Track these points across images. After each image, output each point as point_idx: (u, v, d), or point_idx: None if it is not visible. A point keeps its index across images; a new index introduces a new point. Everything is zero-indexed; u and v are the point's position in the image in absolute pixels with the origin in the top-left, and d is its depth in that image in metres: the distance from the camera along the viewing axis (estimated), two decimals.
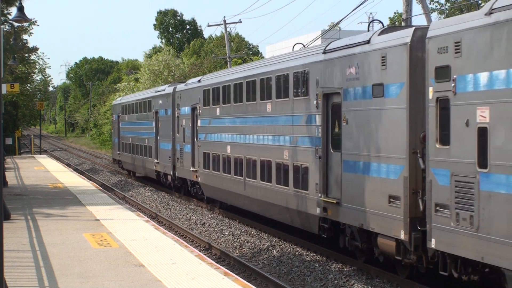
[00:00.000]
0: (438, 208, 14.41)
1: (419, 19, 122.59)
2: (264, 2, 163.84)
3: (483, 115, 13.16)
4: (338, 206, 18.62)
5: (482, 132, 13.10)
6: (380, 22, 20.88)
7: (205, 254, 18.94)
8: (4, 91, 37.19)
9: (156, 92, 40.94)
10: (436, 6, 40.51)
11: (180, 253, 16.95)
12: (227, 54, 54.56)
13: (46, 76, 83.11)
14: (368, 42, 17.39)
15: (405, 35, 15.99)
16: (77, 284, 13.74)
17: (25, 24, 45.24)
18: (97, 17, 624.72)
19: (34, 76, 70.93)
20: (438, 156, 14.48)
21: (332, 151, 19.27)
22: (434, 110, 14.64)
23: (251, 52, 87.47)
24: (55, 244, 18.12)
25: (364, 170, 17.40)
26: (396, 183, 15.98)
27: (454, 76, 13.95)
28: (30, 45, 55.67)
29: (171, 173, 36.34)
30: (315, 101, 19.96)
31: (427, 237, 14.86)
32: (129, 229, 20.69)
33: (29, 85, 67.16)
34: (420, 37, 15.55)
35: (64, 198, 29.07)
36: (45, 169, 45.92)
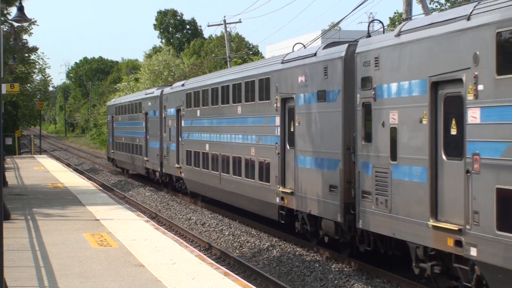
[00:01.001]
0: (364, 195, 17.41)
1: None
2: (264, 2, 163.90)
3: (393, 118, 16.21)
4: (292, 195, 21.48)
5: (393, 132, 16.18)
6: (380, 22, 20.87)
7: (205, 254, 18.93)
8: (4, 91, 37.17)
9: (146, 94, 43.75)
10: (436, 6, 40.48)
11: (180, 253, 16.95)
12: (227, 54, 54.58)
13: (46, 76, 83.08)
14: (315, 54, 20.23)
15: (341, 50, 18.83)
16: (77, 284, 13.74)
17: (25, 24, 45.20)
18: (97, 17, 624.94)
19: (34, 76, 70.93)
20: (363, 151, 17.54)
21: (288, 148, 22.19)
22: (360, 113, 17.68)
23: (251, 52, 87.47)
24: (55, 244, 18.12)
25: (312, 164, 20.31)
26: (335, 175, 18.89)
27: (374, 86, 16.96)
28: (30, 45, 55.61)
29: (159, 170, 38.93)
30: (275, 105, 22.92)
31: (356, 218, 17.81)
32: (129, 229, 20.69)
33: (29, 85, 67.16)
34: (352, 52, 18.24)
35: (64, 198, 29.07)
36: (45, 169, 45.92)
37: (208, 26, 61.15)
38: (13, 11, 34.81)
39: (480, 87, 13.33)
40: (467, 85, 13.62)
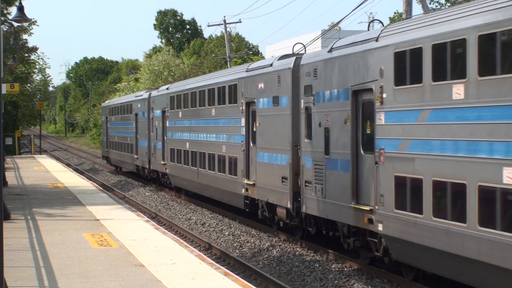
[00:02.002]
0: (306, 184, 20.76)
1: None
2: (264, 2, 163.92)
3: (327, 119, 19.53)
4: (254, 186, 24.78)
5: (326, 131, 19.50)
6: (380, 22, 20.88)
7: (205, 254, 18.94)
8: (4, 91, 37.15)
9: (136, 97, 47.17)
10: (436, 6, 40.48)
11: (180, 253, 16.95)
12: (227, 54, 54.58)
13: (46, 76, 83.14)
14: (271, 65, 23.67)
15: (290, 62, 22.11)
16: (77, 284, 13.74)
17: (25, 24, 45.16)
18: (97, 17, 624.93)
19: (34, 76, 70.89)
20: (306, 147, 20.88)
21: (251, 145, 25.39)
22: (304, 115, 21.04)
23: (251, 52, 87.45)
24: (55, 244, 18.12)
25: (269, 159, 23.65)
26: (285, 168, 22.25)
27: (314, 92, 20.21)
28: (30, 45, 55.63)
29: (147, 167, 42.26)
30: (241, 108, 26.14)
31: (301, 204, 21.09)
32: (129, 229, 20.69)
33: (29, 85, 67.11)
34: (298, 64, 21.45)
35: (64, 198, 29.07)
36: (45, 169, 45.92)
37: (208, 26, 61.22)
38: (13, 11, 34.86)
39: (384, 95, 16.60)
40: (376, 93, 16.90)
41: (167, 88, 38.49)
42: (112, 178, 50.40)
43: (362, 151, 17.79)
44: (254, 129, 25.00)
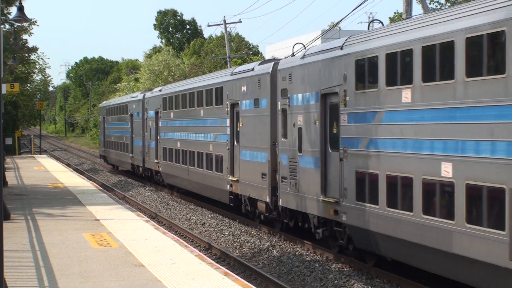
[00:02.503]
0: (283, 179, 22.49)
1: None
2: (264, 2, 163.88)
3: (300, 120, 21.18)
4: (238, 183, 26.56)
5: (300, 131, 21.21)
6: (380, 22, 20.91)
7: (205, 254, 18.94)
8: (4, 91, 37.14)
9: (131, 98, 48.98)
10: (436, 6, 40.49)
11: (180, 253, 16.95)
12: (227, 54, 54.58)
13: (46, 76, 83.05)
14: (252, 69, 25.53)
15: (269, 67, 23.94)
16: (77, 284, 13.74)
17: (25, 24, 45.10)
18: (97, 17, 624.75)
19: (34, 76, 70.83)
20: (282, 146, 22.66)
21: (236, 144, 27.10)
22: (280, 116, 22.76)
23: (251, 52, 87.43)
24: (55, 244, 18.12)
25: (251, 157, 25.42)
26: (265, 165, 24.05)
27: (289, 95, 21.99)
28: (30, 45, 55.56)
29: (142, 165, 44.17)
30: (226, 109, 27.89)
31: (278, 198, 22.89)
32: (129, 229, 20.69)
33: (29, 85, 67.06)
34: (276, 68, 23.29)
35: (64, 198, 29.07)
36: (45, 169, 45.92)
37: (208, 26, 61.20)
38: (13, 11, 34.84)
39: (347, 98, 18.31)
40: (340, 96, 18.67)
41: (160, 90, 40.51)
42: (112, 178, 50.41)
43: (329, 149, 19.65)
44: (238, 129, 26.88)
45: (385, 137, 16.64)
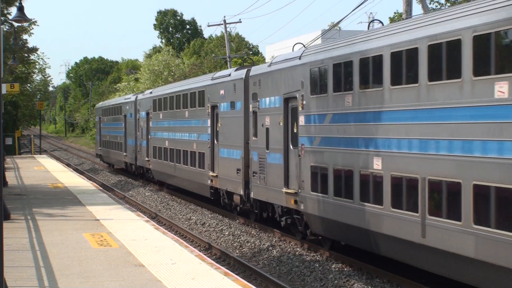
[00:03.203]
0: (253, 174, 25.19)
1: None
2: (264, 2, 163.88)
3: (267, 121, 23.93)
4: (217, 178, 29.13)
5: (267, 130, 23.87)
6: (380, 22, 20.91)
7: (205, 254, 18.93)
8: (4, 91, 37.13)
9: (125, 99, 51.89)
10: (436, 6, 40.48)
11: (180, 253, 16.95)
12: (227, 54, 54.57)
13: (46, 76, 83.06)
14: (229, 75, 28.26)
15: (242, 73, 26.49)
16: (77, 284, 13.74)
17: (25, 24, 45.09)
18: (97, 17, 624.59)
19: (34, 76, 70.82)
20: (253, 144, 25.32)
21: (215, 143, 29.69)
22: (252, 118, 25.48)
23: (251, 52, 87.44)
24: (55, 244, 18.12)
25: (228, 154, 27.99)
26: (239, 161, 26.62)
27: (258, 99, 24.70)
28: (30, 45, 55.58)
29: (135, 163, 46.64)
30: (207, 111, 30.58)
31: (250, 191, 25.52)
32: (129, 229, 20.69)
33: (29, 85, 67.06)
34: (248, 75, 25.94)
35: (64, 198, 29.07)
36: (45, 169, 45.92)
37: (208, 26, 61.21)
38: (13, 11, 34.82)
39: (304, 102, 20.85)
40: (299, 100, 21.24)
41: (151, 92, 43.39)
42: (112, 178, 50.41)
43: (291, 147, 22.28)
44: (217, 129, 29.52)
45: (333, 135, 19.35)
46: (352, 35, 19.44)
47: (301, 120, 21.04)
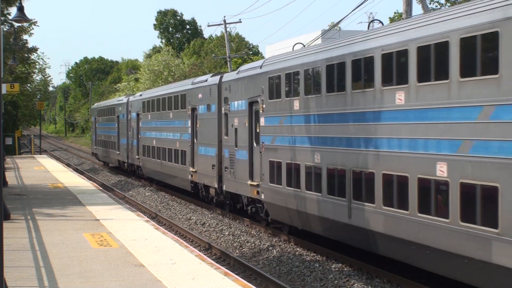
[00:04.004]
0: (225, 169, 28.44)
1: None
2: (264, 2, 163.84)
3: (236, 122, 27.28)
4: (196, 173, 32.61)
5: (236, 130, 27.16)
6: (380, 22, 20.90)
7: (205, 254, 18.93)
8: (4, 91, 37.11)
9: (118, 101, 55.24)
10: (436, 6, 40.50)
11: (180, 253, 16.95)
12: (227, 54, 54.57)
13: (46, 76, 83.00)
14: (206, 81, 31.69)
15: (216, 79, 29.93)
16: (77, 284, 13.74)
17: (25, 24, 45.08)
18: (97, 17, 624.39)
19: (34, 76, 70.77)
20: (225, 142, 28.60)
21: (195, 141, 33.08)
22: (224, 119, 28.76)
23: (251, 52, 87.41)
24: (55, 244, 18.12)
25: (205, 151, 31.43)
26: (214, 158, 29.91)
27: (229, 102, 28.01)
28: (30, 45, 55.52)
29: (126, 161, 49.99)
30: (188, 112, 34.02)
31: (222, 184, 28.81)
32: (129, 229, 20.69)
33: (29, 85, 67.02)
34: (221, 80, 29.34)
35: (64, 198, 29.07)
36: (45, 169, 45.92)
37: (208, 26, 61.21)
38: (13, 11, 34.81)
39: (264, 105, 24.11)
40: (260, 104, 24.52)
41: (141, 95, 47.02)
42: (112, 178, 50.42)
43: (254, 144, 25.41)
44: (196, 129, 32.81)
45: (285, 135, 22.43)
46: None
47: (262, 121, 24.41)
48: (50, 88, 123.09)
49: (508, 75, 12.86)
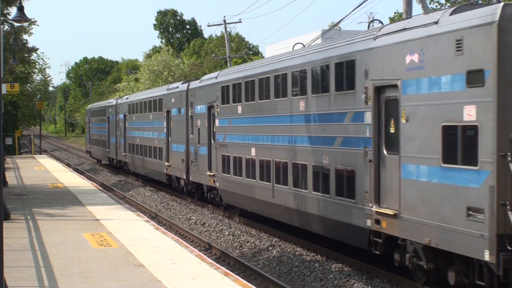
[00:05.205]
0: (191, 163, 33.24)
1: None
2: (264, 2, 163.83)
3: (198, 123, 32.19)
4: (170, 167, 37.38)
5: (199, 130, 31.73)
6: (380, 22, 20.86)
7: (205, 254, 18.93)
8: (4, 91, 37.13)
9: (108, 103, 60.63)
10: (436, 6, 40.48)
11: (180, 253, 16.95)
12: (227, 54, 54.58)
13: (46, 76, 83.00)
14: (177, 87, 36.48)
15: (185, 86, 34.73)
16: (77, 284, 13.74)
17: (25, 24, 45.13)
18: (97, 17, 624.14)
19: (34, 76, 70.80)
20: (191, 140, 33.37)
21: (170, 139, 37.67)
22: (190, 120, 33.53)
23: (251, 52, 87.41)
24: (55, 244, 18.12)
25: (176, 148, 36.05)
26: (183, 153, 34.60)
27: (194, 106, 32.84)
28: (30, 45, 55.55)
29: (115, 158, 54.75)
30: (164, 114, 38.73)
31: (190, 176, 33.67)
32: (129, 229, 20.69)
33: (29, 85, 67.05)
34: (188, 87, 34.11)
35: (64, 198, 29.07)
36: (45, 169, 45.92)
37: (208, 26, 61.19)
38: (13, 11, 34.80)
39: (218, 109, 28.92)
40: (215, 108, 29.23)
41: (127, 98, 52.13)
42: (112, 178, 50.42)
43: (212, 141, 30.03)
44: (170, 129, 37.60)
45: (231, 133, 27.45)
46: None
47: (217, 122, 29.23)
48: (50, 88, 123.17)
49: (359, 90, 17.59)
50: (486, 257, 13.01)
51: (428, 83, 14.82)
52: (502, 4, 13.16)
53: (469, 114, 13.46)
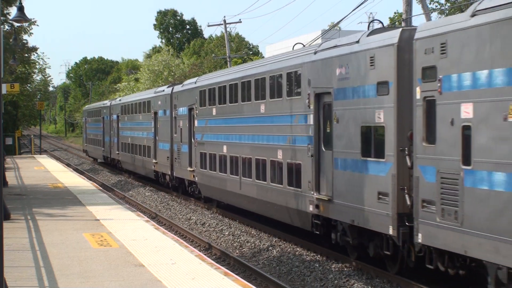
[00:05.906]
0: (175, 159, 36.14)
1: (419, 19, 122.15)
2: (264, 2, 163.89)
3: (181, 124, 34.97)
4: (157, 164, 40.35)
5: (181, 130, 35.16)
6: (380, 22, 20.87)
7: (205, 254, 18.92)
8: (4, 91, 37.13)
9: (103, 104, 64.30)
10: (436, 6, 40.51)
11: (180, 253, 16.95)
12: (227, 54, 54.59)
13: (46, 76, 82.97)
14: (163, 90, 39.53)
15: (170, 90, 37.83)
16: (77, 284, 13.74)
17: (25, 24, 45.13)
18: (97, 17, 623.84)
19: (34, 76, 70.79)
20: (175, 139, 36.12)
21: (157, 139, 40.71)
22: (174, 121, 36.36)
23: (251, 52, 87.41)
24: (55, 244, 18.12)
25: (163, 146, 38.98)
26: (168, 151, 37.52)
27: (177, 108, 35.86)
28: (30, 45, 55.51)
29: (109, 156, 57.93)
30: (152, 115, 41.61)
31: (173, 172, 36.88)
32: (129, 229, 20.69)
33: (29, 85, 67.05)
34: (173, 91, 37.15)
35: (64, 198, 29.07)
36: (45, 169, 45.93)
37: (208, 26, 61.26)
38: (13, 11, 34.81)
39: (197, 111, 31.87)
40: (195, 110, 32.34)
41: (120, 100, 55.69)
42: (112, 178, 50.43)
43: (192, 140, 32.99)
44: (157, 129, 40.52)
45: (208, 133, 30.26)
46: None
47: (196, 123, 32.28)
48: (50, 88, 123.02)
49: (304, 96, 20.69)
50: (391, 231, 16.29)
51: (352, 91, 18.04)
52: (400, 29, 16.60)
53: (379, 117, 16.73)
